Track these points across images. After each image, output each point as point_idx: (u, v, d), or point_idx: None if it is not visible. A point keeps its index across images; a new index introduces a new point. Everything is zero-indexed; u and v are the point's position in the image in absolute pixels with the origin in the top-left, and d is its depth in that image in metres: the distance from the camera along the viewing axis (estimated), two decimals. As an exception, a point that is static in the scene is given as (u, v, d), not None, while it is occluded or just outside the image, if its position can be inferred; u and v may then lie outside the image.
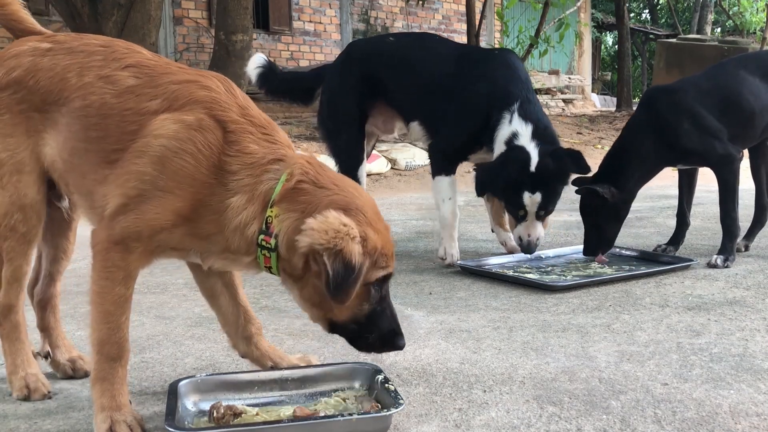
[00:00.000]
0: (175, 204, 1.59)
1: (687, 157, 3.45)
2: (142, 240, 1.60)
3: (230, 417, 1.64)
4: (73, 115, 1.71)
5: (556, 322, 2.52)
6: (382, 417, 1.60)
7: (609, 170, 3.45)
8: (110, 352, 1.62)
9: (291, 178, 1.62)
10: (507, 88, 3.42)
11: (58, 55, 1.77)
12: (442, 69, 3.59)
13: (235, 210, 1.61)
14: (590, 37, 20.71)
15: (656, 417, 1.69)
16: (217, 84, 1.71)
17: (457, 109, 3.50)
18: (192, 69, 1.78)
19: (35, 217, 1.81)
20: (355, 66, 3.78)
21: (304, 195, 1.61)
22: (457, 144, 3.55)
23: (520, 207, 3.28)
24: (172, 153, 1.59)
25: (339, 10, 13.92)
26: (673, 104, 3.43)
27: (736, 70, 3.52)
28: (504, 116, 3.35)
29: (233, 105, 1.68)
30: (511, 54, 3.68)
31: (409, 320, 2.58)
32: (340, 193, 1.63)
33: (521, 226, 3.35)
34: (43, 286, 2.03)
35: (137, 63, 1.74)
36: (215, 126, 1.63)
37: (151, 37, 7.22)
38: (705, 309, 2.65)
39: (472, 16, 11.66)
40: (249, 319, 1.95)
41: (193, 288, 3.10)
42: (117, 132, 1.66)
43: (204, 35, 11.62)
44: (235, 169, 1.62)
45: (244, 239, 1.63)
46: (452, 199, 3.54)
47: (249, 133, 1.65)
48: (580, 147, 10.73)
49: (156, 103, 1.65)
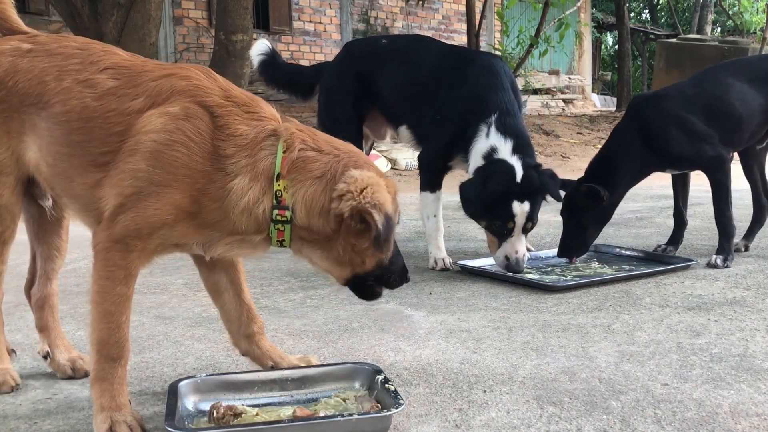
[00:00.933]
0: (174, 197, 1.59)
1: (678, 162, 3.47)
2: (143, 238, 1.60)
3: (230, 417, 1.64)
4: (53, 120, 1.71)
5: (556, 322, 2.52)
6: (382, 417, 1.60)
7: (597, 175, 3.45)
8: (110, 352, 1.62)
9: (292, 149, 1.64)
10: (485, 96, 3.31)
11: (37, 57, 1.77)
12: (427, 72, 3.57)
13: (239, 192, 1.62)
14: (590, 37, 20.70)
15: (656, 417, 1.69)
16: (197, 73, 1.72)
17: (437, 114, 3.46)
18: (169, 64, 1.80)
19: (9, 218, 1.82)
20: (352, 66, 3.78)
21: (312, 162, 1.65)
22: (438, 153, 3.51)
23: (509, 218, 3.12)
24: (163, 146, 1.59)
25: (339, 10, 13.92)
26: (660, 111, 3.44)
27: (724, 76, 3.53)
28: (481, 128, 3.25)
29: (215, 89, 1.69)
30: (494, 57, 3.63)
31: (409, 320, 2.58)
32: (346, 154, 1.69)
33: (507, 244, 3.16)
34: (39, 285, 2.03)
35: (114, 64, 1.74)
36: (201, 112, 1.63)
37: (151, 37, 7.22)
38: (705, 309, 2.65)
39: (472, 16, 11.67)
40: (252, 318, 1.95)
41: (193, 288, 3.11)
42: (102, 134, 1.66)
43: (204, 35, 11.62)
44: (230, 152, 1.62)
45: (254, 218, 1.64)
46: (436, 216, 3.54)
47: (235, 115, 1.66)
48: (580, 147, 10.74)
49: (139, 102, 1.66)
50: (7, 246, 1.85)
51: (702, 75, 3.65)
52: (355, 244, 1.67)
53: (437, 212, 3.55)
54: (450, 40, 15.68)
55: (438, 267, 3.47)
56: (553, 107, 15.84)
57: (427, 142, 3.56)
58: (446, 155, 3.50)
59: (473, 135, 3.28)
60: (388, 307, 2.76)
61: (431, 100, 3.50)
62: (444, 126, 3.44)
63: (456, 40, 15.66)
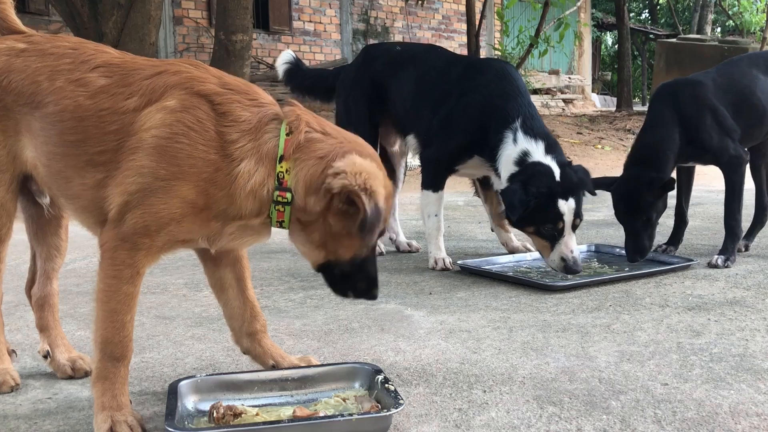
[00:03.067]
0: (181, 190, 1.59)
1: (701, 154, 3.39)
2: (151, 235, 1.60)
3: (230, 417, 1.64)
4: (47, 121, 1.71)
5: (556, 322, 2.52)
6: (382, 417, 1.60)
7: (643, 164, 3.30)
8: (113, 351, 1.62)
9: (298, 131, 1.65)
10: (504, 103, 3.32)
11: (30, 57, 1.77)
12: (437, 82, 3.58)
13: (245, 175, 1.62)
14: (590, 37, 20.71)
15: (656, 417, 1.69)
16: (186, 66, 1.73)
17: (448, 119, 3.47)
18: (159, 60, 1.79)
19: (5, 215, 1.83)
20: (368, 71, 3.81)
21: (317, 143, 1.66)
22: (446, 155, 3.51)
23: (558, 219, 3.06)
24: (164, 140, 1.59)
25: (339, 10, 13.92)
26: (697, 98, 3.35)
27: (749, 68, 3.47)
28: (506, 135, 3.25)
29: (209, 77, 1.70)
30: (508, 65, 3.65)
31: (409, 320, 2.58)
32: (352, 143, 1.69)
33: (560, 245, 3.08)
34: (40, 285, 2.04)
35: (105, 62, 1.75)
36: (199, 101, 1.64)
37: (151, 37, 7.22)
38: (705, 309, 2.65)
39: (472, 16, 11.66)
40: (255, 316, 1.95)
41: (193, 288, 3.11)
42: (97, 133, 1.66)
43: (204, 35, 11.62)
44: (234, 137, 1.63)
45: (258, 200, 1.65)
46: (437, 215, 3.55)
47: (236, 102, 1.67)
48: (581, 147, 10.74)
49: (134, 101, 1.66)
50: (3, 244, 1.86)
51: (728, 66, 3.56)
52: (335, 226, 1.66)
53: (438, 212, 3.56)
54: (450, 40, 15.70)
55: (438, 267, 3.47)
56: (553, 107, 15.84)
57: (432, 143, 3.55)
58: (455, 158, 3.50)
59: (498, 143, 3.26)
60: (388, 307, 2.76)
61: (440, 108, 3.51)
62: (455, 130, 3.44)
63: (456, 40, 15.68)
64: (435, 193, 3.55)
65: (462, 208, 5.53)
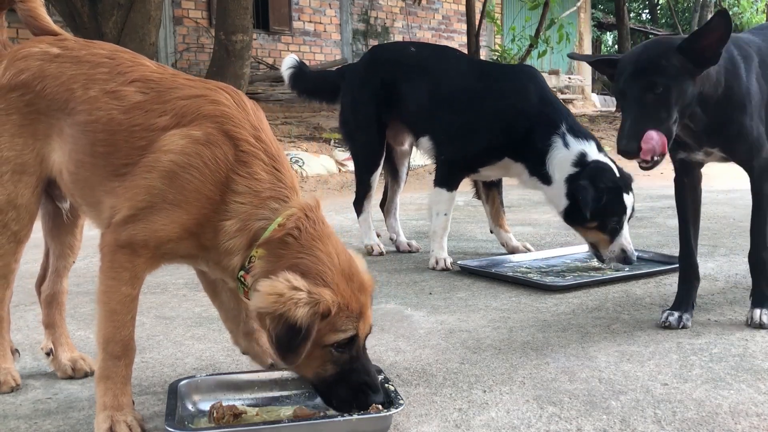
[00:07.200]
0: (182, 217, 1.60)
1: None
2: (149, 248, 1.62)
3: (230, 417, 1.64)
4: (78, 129, 1.72)
5: (556, 322, 2.52)
6: (382, 417, 1.60)
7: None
8: (115, 351, 1.63)
9: (282, 228, 1.60)
10: (548, 108, 3.41)
11: (65, 64, 1.77)
12: (460, 84, 3.58)
13: (225, 234, 1.62)
14: (590, 37, 20.70)
15: (656, 417, 1.69)
16: (227, 97, 1.70)
17: (476, 122, 3.48)
18: (200, 81, 1.76)
19: (27, 217, 1.84)
20: (376, 72, 3.80)
21: (283, 249, 1.60)
22: (470, 156, 3.52)
23: (624, 211, 3.20)
24: (179, 168, 1.60)
25: (339, 10, 13.92)
26: None
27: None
28: (555, 139, 3.33)
29: (245, 122, 1.67)
30: (537, 71, 3.69)
31: (409, 320, 2.58)
32: (310, 256, 1.58)
33: (620, 237, 3.20)
34: (50, 282, 2.05)
35: (143, 77, 1.73)
36: (224, 141, 1.62)
37: (151, 38, 7.22)
38: (705, 309, 2.65)
39: (472, 16, 11.68)
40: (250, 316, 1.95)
41: (192, 288, 3.10)
42: (126, 147, 1.66)
43: (204, 35, 11.62)
44: (241, 190, 1.61)
45: (230, 268, 1.65)
46: (447, 215, 3.56)
47: (261, 161, 1.64)
48: (580, 147, 10.73)
49: (165, 120, 1.65)
50: (21, 245, 1.87)
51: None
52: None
53: (448, 211, 3.56)
54: (450, 40, 15.69)
55: (438, 267, 3.47)
56: (553, 107, 15.81)
57: (454, 144, 3.55)
58: (482, 160, 3.52)
59: (547, 147, 3.33)
60: (388, 307, 2.76)
61: (460, 113, 3.52)
62: (485, 133, 3.45)
63: (456, 41, 15.67)
64: (449, 192, 3.56)
65: (462, 208, 5.53)
